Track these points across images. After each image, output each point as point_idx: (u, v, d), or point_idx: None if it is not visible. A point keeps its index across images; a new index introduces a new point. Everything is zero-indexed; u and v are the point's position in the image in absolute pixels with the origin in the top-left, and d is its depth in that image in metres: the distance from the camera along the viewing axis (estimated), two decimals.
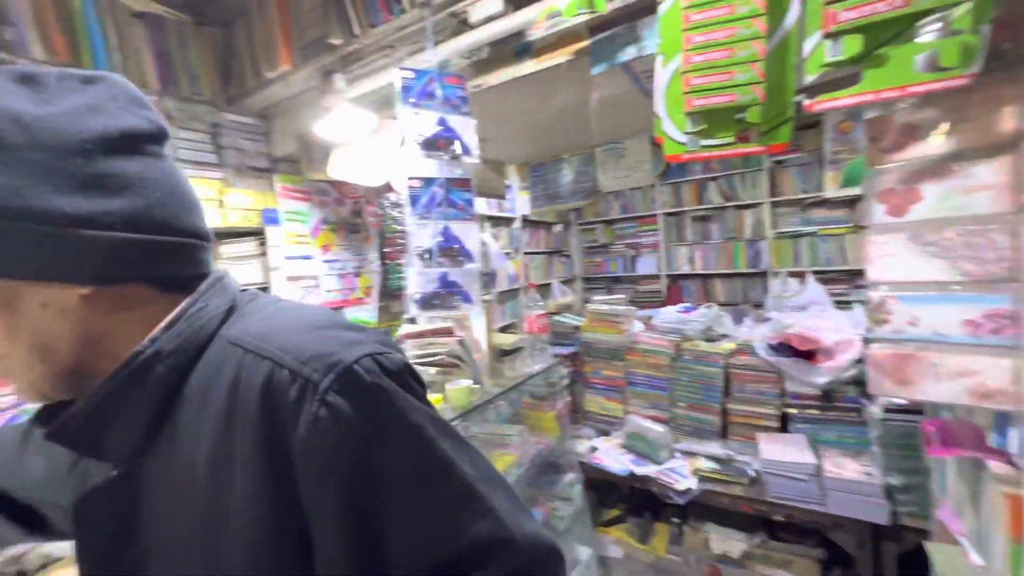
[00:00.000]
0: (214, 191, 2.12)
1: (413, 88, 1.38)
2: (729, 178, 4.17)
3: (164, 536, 0.45)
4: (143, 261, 0.45)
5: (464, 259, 1.44)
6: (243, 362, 0.43)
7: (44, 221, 0.40)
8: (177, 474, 0.44)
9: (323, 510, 0.40)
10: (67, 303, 0.43)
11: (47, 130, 0.41)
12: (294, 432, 0.40)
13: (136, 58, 1.89)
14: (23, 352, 0.43)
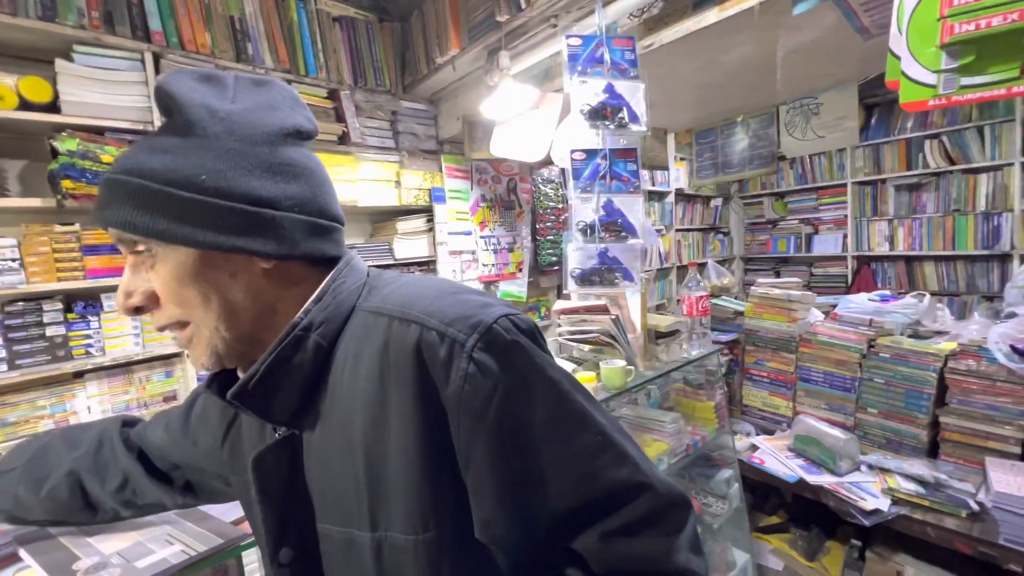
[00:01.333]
0: (392, 173, 2.37)
1: (580, 56, 1.33)
2: (958, 134, 3.28)
3: (325, 482, 0.51)
4: (308, 241, 0.50)
5: (627, 234, 1.37)
6: (391, 327, 0.47)
7: (243, 200, 0.46)
8: (334, 430, 0.49)
9: (475, 456, 0.44)
10: (252, 275, 0.49)
11: (238, 123, 0.47)
12: (446, 387, 0.43)
13: (335, 58, 2.18)
14: (212, 318, 0.48)
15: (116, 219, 0.45)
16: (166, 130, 0.47)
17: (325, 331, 0.50)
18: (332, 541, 0.51)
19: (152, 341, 1.80)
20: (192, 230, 0.45)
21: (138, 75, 1.70)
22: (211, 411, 0.67)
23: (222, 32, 1.88)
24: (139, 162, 0.45)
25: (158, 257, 0.46)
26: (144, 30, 1.72)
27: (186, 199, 0.44)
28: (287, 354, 0.49)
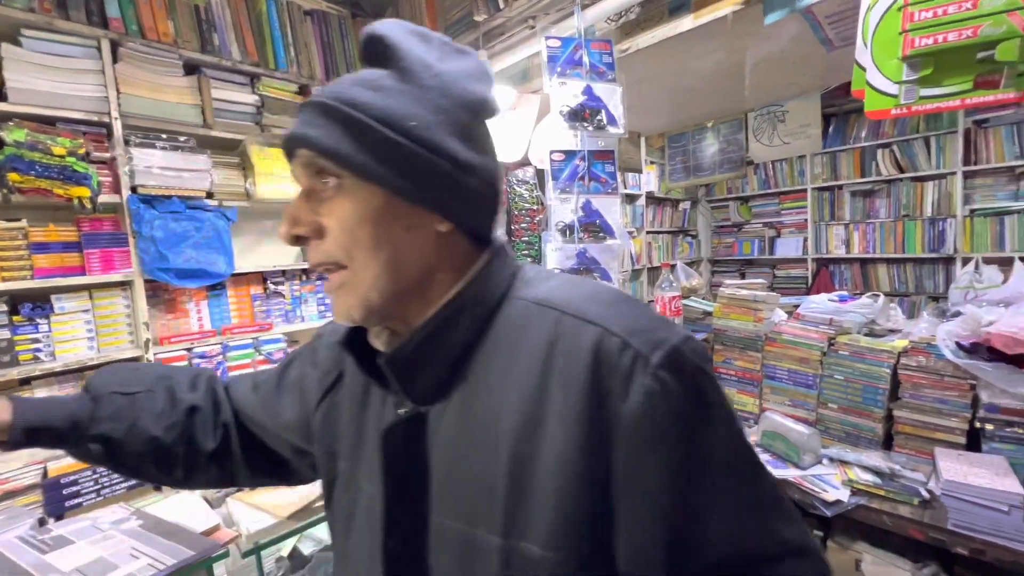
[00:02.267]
0: None
1: (559, 57, 1.34)
2: (907, 144, 3.49)
3: (452, 473, 0.47)
4: (482, 215, 0.50)
5: (605, 235, 1.39)
6: (560, 323, 0.44)
7: (444, 157, 0.45)
8: (474, 418, 0.46)
9: (643, 482, 0.40)
10: (426, 235, 0.47)
11: (449, 83, 0.46)
12: (623, 400, 0.40)
13: (306, 52, 2.12)
14: (377, 266, 0.45)
15: (320, 141, 0.44)
16: (378, 72, 0.46)
17: (479, 312, 0.48)
18: (445, 537, 0.46)
19: (108, 345, 1.70)
20: (391, 172, 0.44)
21: (94, 63, 1.61)
22: (309, 377, 0.63)
23: (186, 21, 1.80)
24: (353, 94, 0.44)
25: (344, 191, 0.45)
26: (101, 16, 1.62)
27: (393, 140, 0.44)
28: (442, 328, 0.47)
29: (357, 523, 0.53)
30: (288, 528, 0.97)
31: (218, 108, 1.87)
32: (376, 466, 0.50)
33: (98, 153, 1.62)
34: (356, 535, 0.53)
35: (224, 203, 1.89)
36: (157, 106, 1.73)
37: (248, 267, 2.02)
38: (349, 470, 0.56)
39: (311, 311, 2.23)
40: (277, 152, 1.99)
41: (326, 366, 0.61)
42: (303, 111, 0.47)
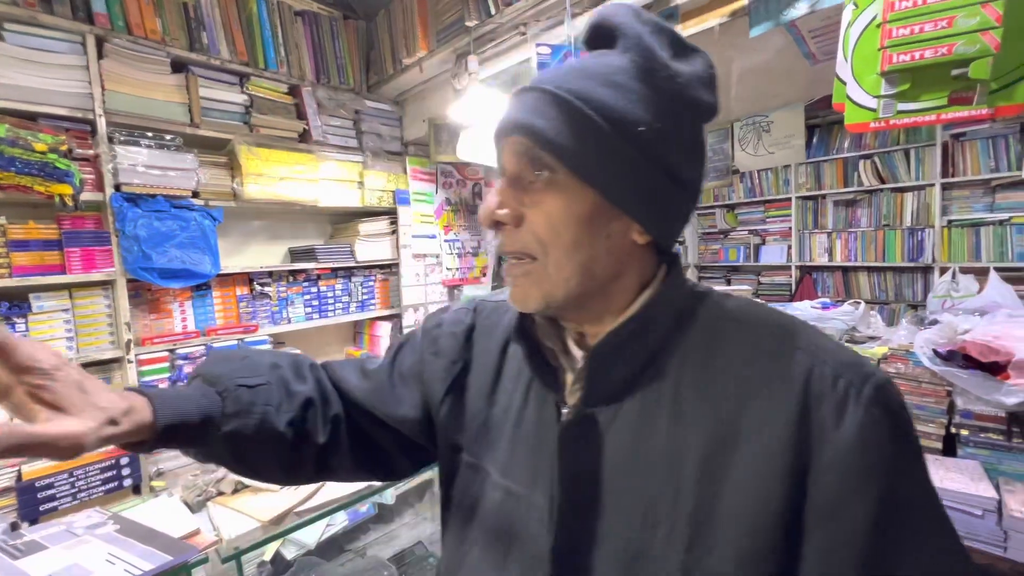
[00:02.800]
0: (355, 173, 2.32)
1: (549, 64, 1.35)
2: (887, 155, 3.57)
3: (623, 479, 0.45)
4: (679, 230, 0.48)
5: None
6: (760, 343, 0.44)
7: (665, 171, 0.44)
8: (653, 427, 0.45)
9: (844, 511, 0.39)
10: (623, 242, 0.46)
11: (682, 88, 0.43)
12: (834, 430, 0.40)
13: (296, 53, 2.11)
14: (570, 266, 0.45)
15: (546, 133, 0.42)
16: (609, 64, 0.44)
17: (668, 322, 0.47)
18: (610, 545, 0.44)
19: (88, 346, 1.67)
20: (611, 176, 0.43)
21: (78, 59, 1.59)
22: (431, 365, 0.60)
23: (174, 19, 1.78)
24: (590, 90, 0.42)
25: (556, 186, 0.44)
26: (86, 11, 1.60)
27: (619, 145, 0.42)
28: (637, 333, 0.46)
29: (488, 519, 0.52)
30: (270, 533, 0.95)
31: (206, 107, 1.85)
32: (529, 460, 0.49)
33: (81, 150, 1.59)
34: (487, 532, 0.52)
35: (210, 203, 1.87)
36: (143, 104, 1.71)
37: (234, 267, 2.00)
38: (474, 464, 0.55)
39: (298, 312, 2.21)
40: (266, 152, 1.97)
41: (451, 355, 0.59)
42: (525, 96, 0.45)
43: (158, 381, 1.76)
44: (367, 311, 2.44)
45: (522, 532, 0.49)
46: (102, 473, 1.60)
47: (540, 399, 0.51)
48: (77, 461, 1.56)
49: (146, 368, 1.74)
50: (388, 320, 2.50)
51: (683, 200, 0.46)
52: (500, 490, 0.52)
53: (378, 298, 2.49)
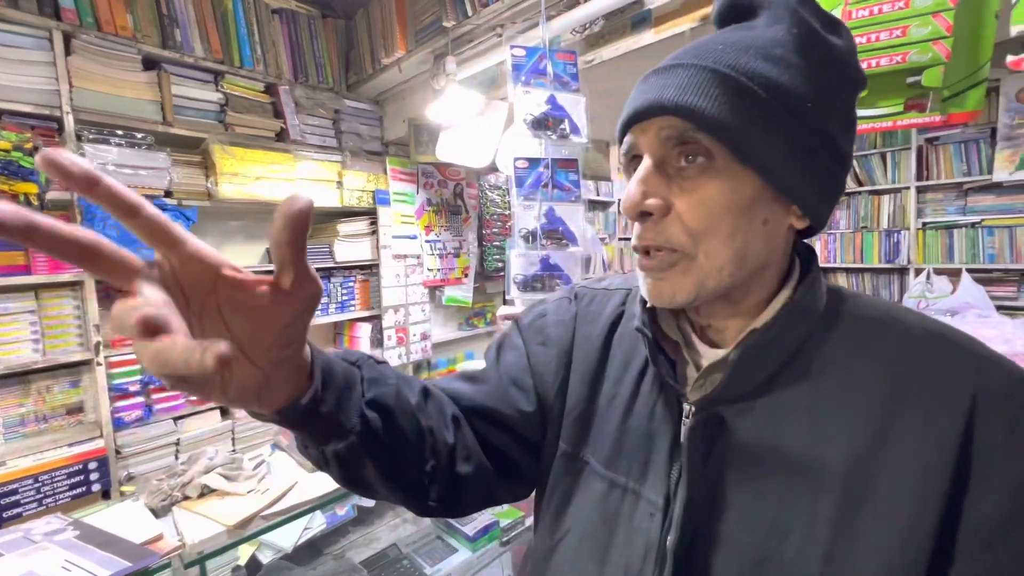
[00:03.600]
0: (334, 173, 2.30)
1: (524, 66, 1.36)
2: (865, 159, 3.64)
3: (751, 482, 0.43)
4: (830, 208, 0.45)
5: (567, 242, 1.41)
6: (913, 354, 0.41)
7: (830, 148, 0.42)
8: (787, 429, 0.43)
9: (1012, 538, 0.37)
10: (778, 228, 0.43)
11: (842, 62, 0.42)
12: (1004, 450, 0.38)
13: (273, 51, 2.09)
14: (726, 255, 0.42)
15: (709, 112, 0.39)
16: (766, 34, 0.41)
17: (807, 322, 0.44)
18: (731, 547, 0.42)
19: (55, 348, 1.63)
20: (779, 157, 0.40)
21: (45, 55, 1.55)
22: (542, 356, 0.58)
23: (146, 15, 1.75)
24: (752, 65, 0.39)
25: (713, 172, 0.40)
26: (53, 7, 1.57)
27: (787, 123, 0.39)
28: (784, 329, 0.43)
29: (587, 510, 0.51)
30: (235, 537, 0.94)
31: (179, 105, 1.82)
32: (637, 454, 0.48)
33: (48, 148, 1.56)
34: (585, 522, 0.50)
35: (184, 202, 1.84)
36: (113, 101, 1.68)
37: None
38: (570, 453, 0.54)
39: None
40: (241, 151, 1.95)
41: (563, 344, 0.58)
42: (673, 74, 0.41)
43: (129, 384, 1.72)
44: (347, 312, 2.43)
45: (628, 525, 0.47)
46: (69, 479, 1.57)
47: (656, 392, 0.49)
48: (43, 466, 1.53)
49: (116, 371, 1.71)
50: (368, 321, 2.49)
51: (842, 174, 0.44)
52: (603, 481, 0.50)
53: (358, 299, 2.47)
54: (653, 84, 0.42)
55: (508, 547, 1.49)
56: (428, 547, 1.47)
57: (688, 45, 0.44)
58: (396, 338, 2.55)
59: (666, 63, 0.43)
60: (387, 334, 2.50)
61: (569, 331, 0.58)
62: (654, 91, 0.42)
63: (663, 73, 0.42)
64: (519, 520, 1.51)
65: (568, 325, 0.59)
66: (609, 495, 0.50)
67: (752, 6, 0.44)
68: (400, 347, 2.57)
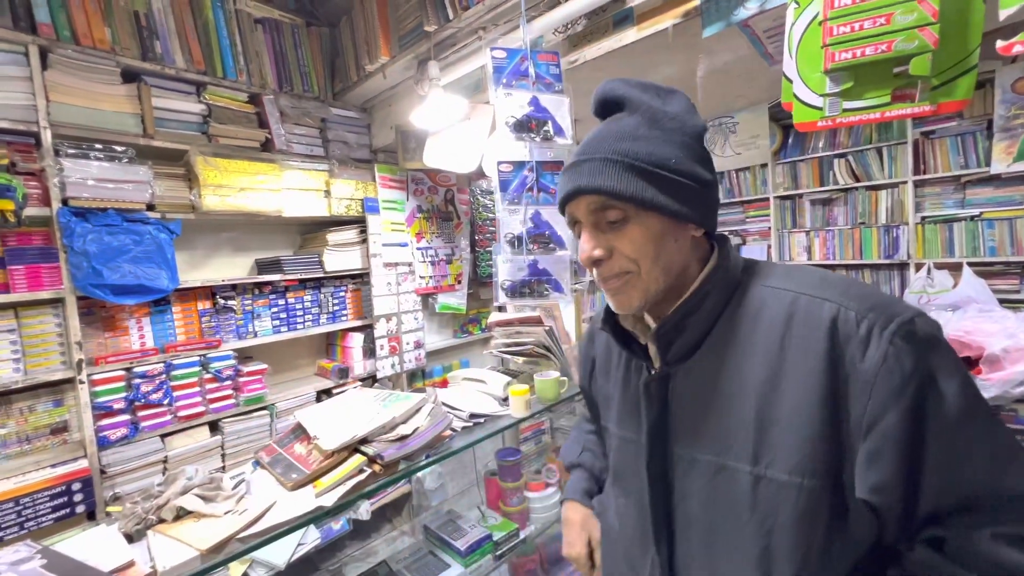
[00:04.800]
0: (321, 182, 2.27)
1: (505, 68, 1.33)
2: (861, 154, 3.60)
3: (701, 416, 0.61)
4: (713, 216, 0.64)
5: (555, 246, 1.38)
6: (796, 303, 0.56)
7: (698, 182, 0.59)
8: (719, 375, 0.59)
9: (884, 426, 0.49)
10: (685, 241, 0.61)
11: (681, 122, 0.60)
12: (860, 361, 0.50)
13: (257, 61, 2.07)
14: (657, 270, 0.60)
15: (615, 188, 0.57)
16: (626, 123, 0.60)
17: (719, 296, 0.61)
18: (696, 466, 0.61)
19: (36, 367, 1.60)
20: (667, 200, 0.58)
21: (21, 70, 1.53)
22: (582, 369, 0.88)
23: (124, 28, 1.73)
24: (624, 147, 0.58)
25: (631, 221, 0.59)
26: (29, 21, 1.55)
27: (664, 176, 0.58)
28: (695, 306, 0.61)
29: (612, 461, 0.77)
30: (208, 562, 0.90)
31: (160, 117, 1.80)
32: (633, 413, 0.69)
33: (25, 164, 1.54)
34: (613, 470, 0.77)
35: (167, 215, 1.82)
36: (92, 115, 1.65)
37: (195, 281, 1.94)
38: (605, 427, 0.78)
39: (265, 326, 2.16)
40: (225, 162, 1.92)
41: (586, 354, 0.86)
42: (583, 167, 0.60)
43: (113, 401, 1.69)
44: (338, 322, 2.39)
45: (631, 466, 0.69)
46: (52, 500, 1.53)
47: (637, 368, 0.70)
48: (25, 487, 1.49)
49: (100, 388, 1.68)
50: (360, 331, 2.45)
51: (713, 194, 0.63)
52: (617, 438, 0.74)
53: (350, 308, 2.44)
54: (574, 174, 0.61)
55: (503, 560, 1.45)
56: (420, 563, 1.43)
57: (586, 140, 0.63)
58: (389, 347, 2.51)
59: (578, 159, 0.62)
60: (379, 343, 2.47)
61: (589, 343, 0.86)
62: (575, 180, 0.60)
63: (579, 166, 0.61)
64: (513, 533, 1.47)
65: (589, 339, 0.87)
66: (621, 447, 0.73)
67: (615, 102, 0.63)
68: (393, 356, 2.53)
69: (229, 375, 1.97)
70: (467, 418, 1.37)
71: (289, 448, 1.20)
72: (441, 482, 2.34)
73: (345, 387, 2.32)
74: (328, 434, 1.13)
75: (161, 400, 1.80)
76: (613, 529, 0.77)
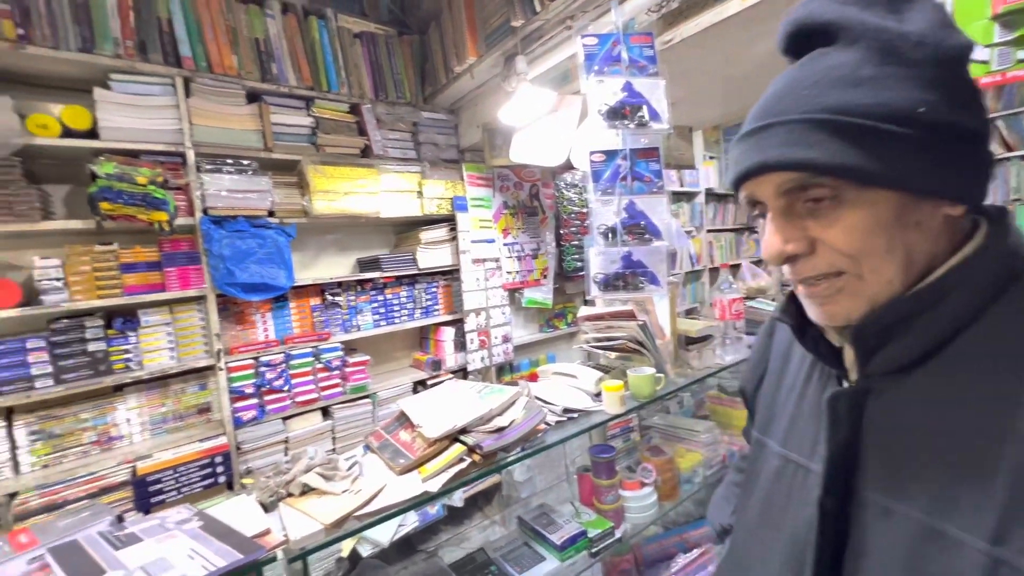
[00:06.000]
0: (414, 183, 2.39)
1: (596, 55, 1.29)
2: (1014, 119, 3.05)
3: (909, 453, 0.43)
4: (982, 184, 0.43)
5: (651, 236, 1.32)
6: None
7: (957, 135, 0.40)
8: (945, 403, 0.42)
9: None
10: (934, 223, 0.43)
11: (931, 46, 0.40)
12: None
13: (356, 73, 2.22)
14: (891, 269, 0.43)
15: (819, 160, 0.40)
16: (844, 60, 0.42)
17: (974, 292, 0.42)
18: (892, 520, 0.43)
19: (186, 355, 1.85)
20: (908, 172, 0.40)
21: (170, 99, 1.78)
22: (747, 375, 0.72)
23: (248, 54, 1.94)
24: (837, 99, 0.40)
25: (844, 203, 0.42)
26: (175, 56, 1.79)
27: (901, 135, 0.39)
28: (924, 304, 0.42)
29: (766, 485, 0.58)
30: (332, 535, 0.99)
31: (277, 132, 2.00)
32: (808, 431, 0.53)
33: (174, 180, 1.78)
34: (764, 495, 0.58)
35: (284, 220, 2.01)
36: (224, 134, 1.88)
37: (307, 279, 2.13)
38: (760, 440, 0.62)
39: (366, 320, 2.32)
40: (331, 169, 2.09)
41: (755, 358, 0.70)
42: (766, 134, 0.43)
43: (244, 386, 1.91)
44: (431, 316, 2.50)
45: (797, 496, 0.52)
46: (200, 470, 1.77)
47: (824, 375, 0.54)
48: (180, 459, 1.74)
49: (235, 375, 1.91)
50: (451, 325, 2.55)
51: (981, 152, 0.42)
52: (778, 458, 0.57)
53: (441, 304, 2.54)
54: (751, 146, 0.44)
55: (598, 558, 1.43)
56: (516, 553, 1.45)
57: (769, 95, 0.45)
58: (479, 341, 2.58)
59: (757, 123, 0.44)
60: (469, 337, 2.55)
61: (763, 345, 0.69)
62: (755, 153, 0.44)
63: (758, 134, 0.44)
64: (608, 531, 1.44)
65: (762, 341, 0.69)
66: (783, 470, 0.56)
67: (820, 30, 0.43)
68: (482, 350, 2.60)
69: (337, 365, 2.15)
70: (560, 412, 1.36)
71: (395, 435, 1.27)
72: (530, 475, 2.36)
73: (438, 379, 2.42)
74: (430, 423, 1.19)
75: (282, 386, 2.01)
76: (744, 559, 0.61)
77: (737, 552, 0.63)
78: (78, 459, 1.66)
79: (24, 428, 1.59)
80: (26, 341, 1.57)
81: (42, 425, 1.62)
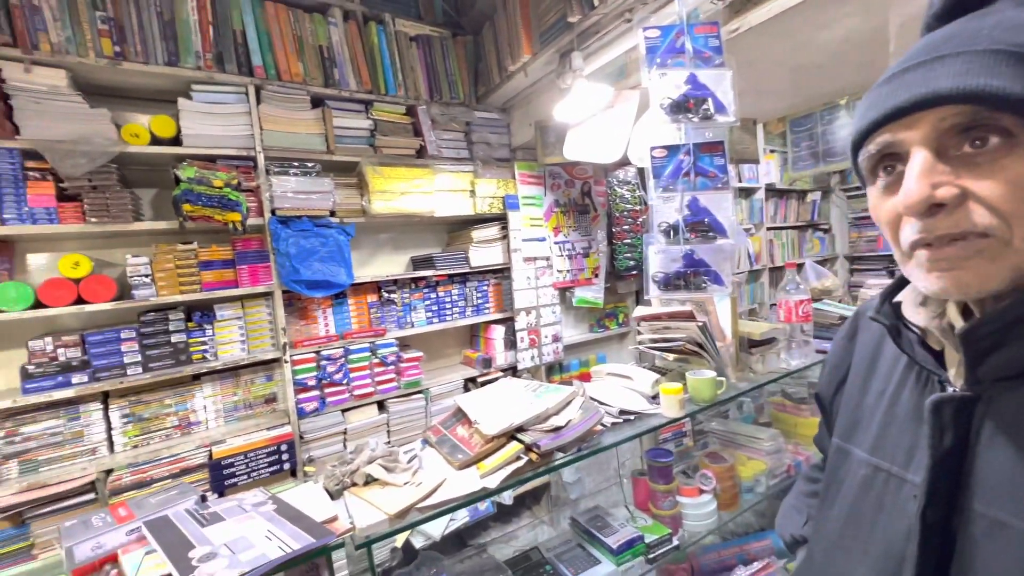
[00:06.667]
0: (467, 182, 2.42)
1: (659, 48, 1.26)
2: None
3: (1009, 467, 0.41)
4: None
5: (715, 234, 1.27)
6: None
7: None
8: None
9: None
10: None
11: None
12: None
13: (412, 75, 2.27)
14: None
15: (1002, 91, 0.36)
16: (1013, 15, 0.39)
17: None
18: (1006, 534, 0.41)
19: (256, 348, 1.97)
20: None
21: (243, 107, 1.89)
22: (824, 380, 0.70)
23: (313, 61, 2.03)
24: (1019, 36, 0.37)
25: (1016, 149, 0.38)
26: (248, 66, 1.90)
27: None
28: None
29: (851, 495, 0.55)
30: (395, 525, 1.02)
31: (338, 135, 2.08)
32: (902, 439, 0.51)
33: (246, 183, 1.89)
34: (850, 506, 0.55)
35: (344, 220, 2.09)
36: (290, 138, 1.98)
37: (365, 277, 2.21)
38: (842, 448, 0.60)
39: (420, 317, 2.37)
40: (388, 170, 2.15)
41: (835, 361, 0.68)
42: (943, 64, 0.39)
43: (307, 379, 2.01)
44: (482, 315, 2.53)
45: (891, 507, 0.50)
46: (268, 457, 1.88)
47: (922, 380, 0.51)
48: (250, 445, 1.85)
49: (298, 367, 2.00)
50: (502, 323, 2.56)
51: None
52: (866, 467, 0.54)
53: (492, 302, 2.56)
54: (913, 79, 0.40)
55: (655, 565, 1.39)
56: (570, 554, 1.44)
57: (924, 44, 0.42)
58: (528, 340, 2.58)
59: (919, 59, 0.41)
60: (519, 336, 2.55)
61: (842, 347, 0.65)
62: (920, 85, 0.40)
63: (923, 67, 0.40)
64: (665, 537, 1.40)
65: (842, 342, 0.66)
66: (873, 479, 0.53)
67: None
68: (532, 349, 2.60)
69: (392, 360, 2.21)
70: (616, 414, 1.34)
71: (452, 430, 1.29)
72: (579, 476, 2.34)
73: (488, 376, 2.44)
74: (487, 419, 1.20)
75: (341, 380, 2.09)
76: (826, 572, 0.58)
77: (816, 564, 0.60)
78: (162, 441, 1.81)
79: (118, 411, 1.74)
80: (120, 332, 1.73)
81: (133, 409, 1.77)
